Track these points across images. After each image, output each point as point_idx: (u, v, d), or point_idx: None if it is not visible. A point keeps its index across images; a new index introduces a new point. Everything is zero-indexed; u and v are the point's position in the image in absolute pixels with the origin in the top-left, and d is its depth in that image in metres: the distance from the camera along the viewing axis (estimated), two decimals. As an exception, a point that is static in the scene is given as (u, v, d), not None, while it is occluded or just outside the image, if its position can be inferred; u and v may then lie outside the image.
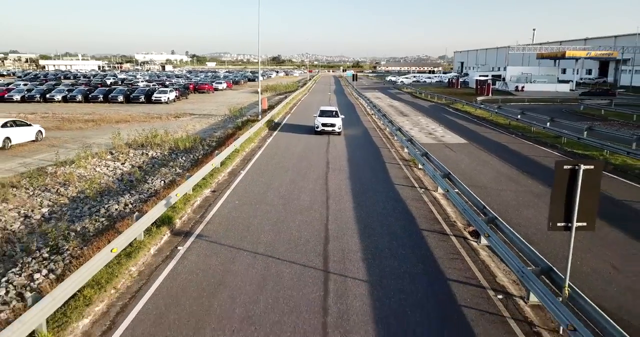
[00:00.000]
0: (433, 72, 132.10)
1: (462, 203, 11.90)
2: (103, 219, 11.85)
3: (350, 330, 7.04)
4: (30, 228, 11.46)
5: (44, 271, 8.85)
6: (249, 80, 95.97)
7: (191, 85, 59.44)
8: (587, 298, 6.96)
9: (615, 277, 9.00)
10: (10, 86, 50.03)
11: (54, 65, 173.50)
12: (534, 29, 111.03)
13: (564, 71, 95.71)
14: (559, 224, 6.88)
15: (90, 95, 45.06)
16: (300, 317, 7.35)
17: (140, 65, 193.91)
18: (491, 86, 59.41)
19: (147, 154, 19.95)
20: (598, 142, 20.73)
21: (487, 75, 73.72)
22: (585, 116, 35.64)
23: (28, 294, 7.58)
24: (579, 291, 7.17)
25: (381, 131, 28.37)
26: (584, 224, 6.87)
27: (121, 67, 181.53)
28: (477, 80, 65.13)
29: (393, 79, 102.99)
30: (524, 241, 9.21)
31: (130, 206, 12.99)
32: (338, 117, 26.17)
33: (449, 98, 49.54)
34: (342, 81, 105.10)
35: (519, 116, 31.12)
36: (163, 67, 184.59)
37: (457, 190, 13.40)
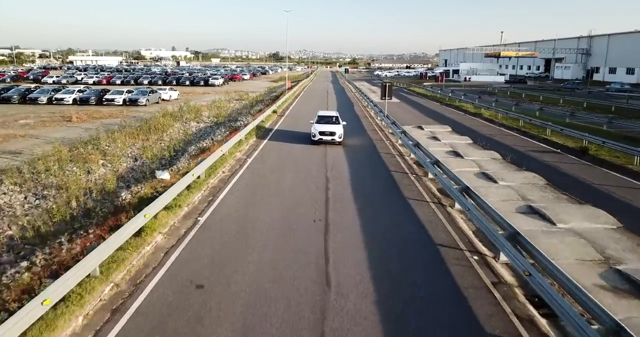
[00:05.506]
0: (410, 67, 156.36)
1: (386, 120, 33.82)
2: (249, 114, 33.74)
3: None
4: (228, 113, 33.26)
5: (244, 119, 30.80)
6: (262, 73, 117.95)
7: (227, 75, 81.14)
8: (394, 118, 28.86)
9: (398, 112, 30.91)
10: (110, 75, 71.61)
11: (81, 61, 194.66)
12: (501, 32, 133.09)
13: (521, 67, 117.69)
14: (382, 99, 28.85)
15: (166, 80, 66.63)
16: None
17: (160, 60, 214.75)
18: (444, 77, 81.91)
19: (242, 102, 41.76)
20: (461, 98, 42.89)
21: (449, 70, 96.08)
22: (490, 94, 57.49)
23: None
24: (390, 115, 29.11)
25: (358, 99, 50.17)
26: (390, 98, 28.90)
27: (138, 63, 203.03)
28: (439, 72, 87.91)
29: (379, 73, 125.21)
30: (393, 119, 31.05)
31: (253, 114, 34.77)
32: (339, 123, 22.94)
33: (411, 84, 71.54)
34: (338, 75, 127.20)
35: (439, 91, 53.13)
36: (178, 63, 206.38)
37: (385, 116, 35.25)
